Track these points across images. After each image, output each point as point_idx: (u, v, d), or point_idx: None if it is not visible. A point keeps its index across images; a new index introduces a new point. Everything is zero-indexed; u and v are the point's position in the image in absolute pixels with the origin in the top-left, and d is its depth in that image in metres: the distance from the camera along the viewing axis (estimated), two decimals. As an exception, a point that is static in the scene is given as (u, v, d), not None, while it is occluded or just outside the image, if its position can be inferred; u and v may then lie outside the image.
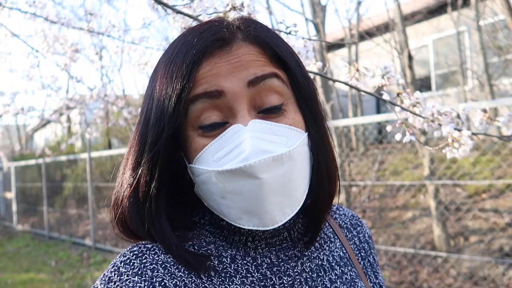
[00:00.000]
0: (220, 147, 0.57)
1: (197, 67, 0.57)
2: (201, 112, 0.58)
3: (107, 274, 0.55)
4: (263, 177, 0.54)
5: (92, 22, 2.22)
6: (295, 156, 0.58)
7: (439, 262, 4.08)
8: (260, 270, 0.60)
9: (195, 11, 1.18)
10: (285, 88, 0.61)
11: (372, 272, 0.77)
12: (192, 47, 0.58)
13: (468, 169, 4.86)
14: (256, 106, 0.59)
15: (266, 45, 0.61)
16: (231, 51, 0.59)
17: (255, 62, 0.59)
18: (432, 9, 8.56)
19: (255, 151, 0.54)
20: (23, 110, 4.35)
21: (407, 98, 1.20)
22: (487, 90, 6.58)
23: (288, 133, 0.58)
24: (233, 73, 0.57)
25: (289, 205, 0.57)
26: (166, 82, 0.59)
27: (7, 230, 11.59)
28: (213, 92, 0.57)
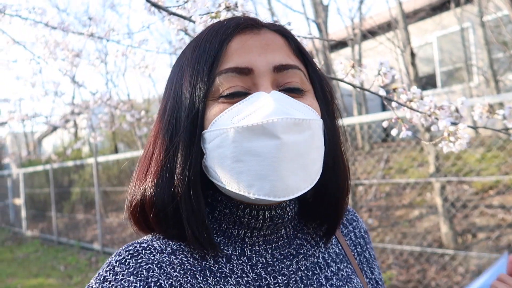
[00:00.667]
0: (241, 111, 0.57)
1: (228, 41, 0.60)
2: (226, 84, 0.59)
3: (102, 274, 0.55)
4: (283, 137, 0.53)
5: (92, 27, 2.24)
6: (314, 128, 0.58)
7: (446, 259, 4.04)
8: (255, 270, 0.60)
9: (189, 12, 1.19)
10: (305, 80, 0.63)
11: (368, 267, 0.77)
12: (225, 25, 0.62)
13: (474, 166, 4.82)
14: (278, 85, 0.61)
15: (290, 38, 0.65)
16: (260, 33, 0.62)
17: (281, 50, 0.62)
18: (435, 6, 8.52)
19: (279, 110, 0.54)
20: (29, 116, 4.40)
21: (404, 93, 1.20)
22: (493, 86, 6.53)
23: (306, 111, 0.59)
24: (261, 54, 0.60)
25: (303, 179, 0.56)
26: (197, 56, 0.61)
27: (16, 236, 11.69)
28: (244, 68, 0.59)
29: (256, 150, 0.54)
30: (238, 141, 0.55)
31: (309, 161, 0.57)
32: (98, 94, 3.24)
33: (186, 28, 1.42)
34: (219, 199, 0.62)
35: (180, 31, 1.42)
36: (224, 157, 0.56)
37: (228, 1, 1.16)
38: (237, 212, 0.61)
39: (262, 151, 0.54)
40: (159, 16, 1.40)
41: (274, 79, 0.60)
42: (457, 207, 4.60)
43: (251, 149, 0.54)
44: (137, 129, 7.52)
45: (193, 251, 0.60)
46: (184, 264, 0.58)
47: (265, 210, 0.61)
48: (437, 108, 1.13)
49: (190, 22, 1.22)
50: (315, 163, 0.59)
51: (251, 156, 0.54)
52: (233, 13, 1.15)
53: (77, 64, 2.54)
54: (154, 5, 1.29)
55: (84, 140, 9.12)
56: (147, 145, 0.64)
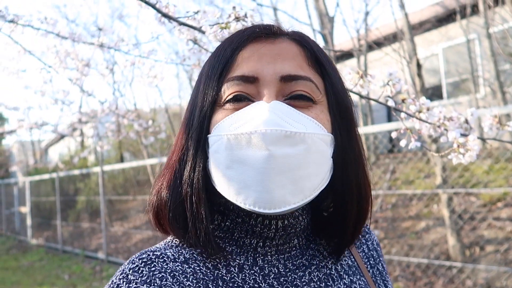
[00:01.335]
0: (238, 120, 0.58)
1: (241, 49, 0.62)
2: (231, 90, 0.60)
3: (115, 281, 0.54)
4: (272, 149, 0.53)
5: (102, 37, 2.27)
6: (310, 142, 0.56)
7: (454, 272, 3.99)
8: (267, 281, 0.60)
9: (199, 22, 1.20)
10: (317, 92, 0.61)
11: (381, 280, 0.75)
12: (241, 33, 0.64)
13: (481, 177, 4.78)
14: (284, 94, 0.60)
15: (308, 47, 0.64)
16: (274, 42, 0.62)
17: (293, 59, 0.61)
18: (441, 18, 8.53)
19: (270, 121, 0.54)
20: (37, 125, 4.44)
21: (413, 104, 1.20)
22: (500, 97, 6.50)
23: (308, 123, 0.58)
24: (270, 62, 0.60)
25: (292, 193, 0.55)
26: (211, 64, 0.64)
27: (21, 244, 11.70)
28: (249, 77, 0.60)
29: (244, 159, 0.54)
30: (230, 148, 0.56)
31: (301, 175, 0.55)
32: (106, 103, 3.27)
33: (195, 38, 1.44)
34: (231, 208, 0.62)
35: (190, 41, 1.43)
36: (219, 163, 0.58)
37: (237, 12, 1.17)
38: (250, 221, 0.61)
39: (249, 161, 0.54)
40: (168, 26, 1.42)
41: (280, 89, 0.59)
42: (464, 219, 4.55)
43: (240, 157, 0.55)
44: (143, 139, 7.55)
45: (206, 259, 0.60)
46: (197, 273, 0.57)
47: (277, 219, 0.61)
48: (447, 119, 1.13)
49: (200, 32, 1.23)
50: (311, 179, 0.57)
51: (240, 164, 0.55)
52: (242, 24, 1.16)
53: (87, 74, 2.58)
54: (164, 16, 1.30)
55: (91, 149, 9.18)
56: (172, 147, 0.67)
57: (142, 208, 9.12)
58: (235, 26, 1.10)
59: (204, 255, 0.60)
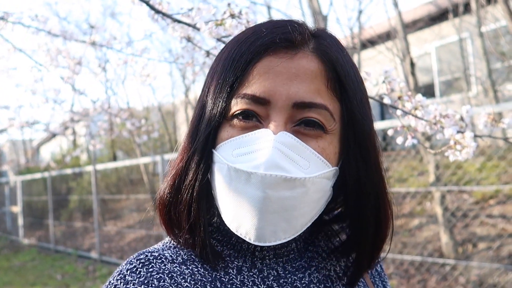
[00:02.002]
0: (242, 145, 0.56)
1: (256, 61, 0.57)
2: (240, 107, 0.58)
3: (112, 282, 0.54)
4: (268, 192, 0.53)
5: (94, 35, 2.25)
6: (309, 185, 0.55)
7: (447, 269, 4.02)
8: (266, 282, 0.59)
9: (193, 19, 1.19)
10: (331, 121, 0.58)
11: (380, 281, 0.76)
12: (260, 38, 0.58)
13: (474, 175, 4.81)
14: (294, 120, 0.57)
15: (331, 65, 0.58)
16: (293, 58, 0.57)
17: (312, 82, 0.56)
18: (434, 17, 8.58)
19: (271, 163, 0.53)
20: (28, 124, 4.39)
21: (409, 101, 1.19)
22: (491, 96, 6.55)
23: (312, 159, 0.56)
24: (285, 84, 0.56)
25: (284, 230, 0.56)
26: (226, 67, 0.59)
27: (13, 244, 11.59)
28: (261, 99, 0.56)
29: (241, 193, 0.55)
30: (230, 178, 0.56)
31: (294, 215, 0.56)
32: (99, 102, 3.24)
33: (189, 36, 1.42)
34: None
35: (183, 39, 1.42)
36: (220, 183, 0.58)
37: (232, 10, 1.16)
38: None
39: (246, 197, 0.54)
40: (162, 24, 1.40)
41: (291, 115, 0.56)
42: (457, 216, 4.58)
43: (237, 190, 0.55)
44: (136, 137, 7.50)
45: (204, 261, 0.60)
46: (195, 274, 0.57)
47: None
48: (442, 117, 1.12)
49: (194, 29, 1.22)
50: (303, 217, 0.57)
51: (237, 196, 0.55)
52: (238, 20, 1.15)
53: (78, 72, 2.55)
54: (158, 12, 1.29)
55: (83, 148, 9.11)
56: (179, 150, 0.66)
57: (135, 207, 9.08)
58: (230, 23, 1.09)
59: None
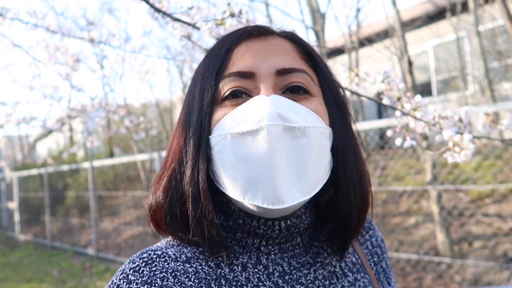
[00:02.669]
0: (239, 115, 0.57)
1: (235, 47, 0.63)
2: (229, 86, 0.60)
3: (115, 281, 0.54)
4: (274, 143, 0.53)
5: (92, 32, 2.24)
6: (311, 136, 0.56)
7: (443, 268, 4.04)
8: (271, 279, 0.59)
9: (193, 18, 1.19)
10: (312, 84, 0.63)
11: (385, 278, 0.75)
12: (234, 32, 0.65)
13: (470, 174, 4.84)
14: (280, 87, 0.61)
15: (300, 43, 0.66)
16: (267, 39, 0.64)
17: (287, 54, 0.63)
18: (432, 15, 8.59)
19: (272, 115, 0.54)
20: (25, 120, 4.37)
21: (408, 102, 1.20)
22: (488, 95, 6.57)
23: (308, 116, 0.58)
24: (265, 58, 0.61)
25: (297, 187, 0.55)
26: (206, 64, 0.64)
27: (9, 240, 11.56)
28: (246, 72, 0.60)
29: (249, 156, 0.54)
30: (234, 146, 0.55)
31: (304, 169, 0.56)
32: (96, 98, 3.23)
33: (189, 35, 1.42)
34: (233, 208, 0.62)
35: (183, 38, 1.41)
36: (224, 162, 0.57)
37: (232, 9, 1.16)
38: (252, 222, 0.60)
39: (254, 157, 0.54)
40: (161, 22, 1.40)
41: (276, 83, 0.60)
42: (453, 215, 4.61)
43: (244, 154, 0.55)
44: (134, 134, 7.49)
45: (208, 258, 0.59)
46: (199, 272, 0.57)
47: (280, 220, 0.60)
48: (441, 118, 1.13)
49: (194, 28, 1.21)
50: (315, 172, 0.57)
51: (245, 162, 0.55)
52: (238, 20, 1.15)
53: (77, 69, 2.54)
54: (158, 11, 1.28)
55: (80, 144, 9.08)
56: (167, 148, 0.66)
57: (132, 204, 9.07)
58: (231, 23, 1.09)
59: (207, 254, 0.59)
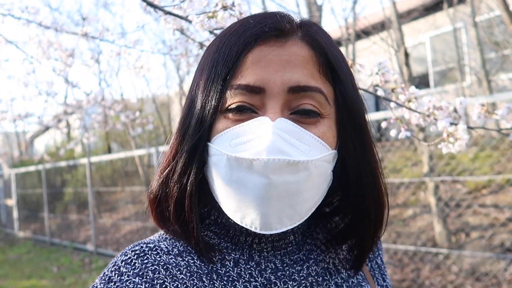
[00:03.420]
0: (240, 134, 0.55)
1: (247, 51, 0.57)
2: (235, 100, 0.57)
3: (107, 273, 0.54)
4: (272, 178, 0.52)
5: (86, 27, 2.22)
6: (312, 168, 0.55)
7: (440, 259, 4.07)
8: (264, 275, 0.59)
9: (185, 11, 1.18)
10: (326, 105, 0.58)
11: (380, 274, 0.75)
12: (249, 29, 0.58)
13: (467, 165, 4.85)
14: (290, 108, 0.57)
15: (321, 51, 0.59)
16: (284, 46, 0.57)
17: (304, 67, 0.57)
18: (428, 6, 8.56)
19: (273, 148, 0.52)
20: (21, 117, 4.35)
21: (402, 93, 1.19)
22: (485, 86, 6.57)
23: (313, 144, 0.56)
24: (279, 71, 0.56)
25: (289, 217, 0.55)
26: (216, 61, 0.59)
27: (8, 237, 11.57)
28: (255, 88, 0.56)
29: (244, 182, 0.54)
30: (230, 168, 0.55)
31: (299, 200, 0.55)
32: (92, 94, 3.21)
33: (182, 28, 1.41)
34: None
35: (176, 31, 1.40)
36: (218, 176, 0.57)
37: (224, 1, 1.15)
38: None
39: (249, 185, 0.53)
40: (154, 15, 1.38)
41: (287, 101, 0.56)
42: (450, 206, 4.63)
43: (239, 179, 0.54)
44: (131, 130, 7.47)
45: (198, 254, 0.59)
46: (191, 266, 0.57)
47: None
48: (436, 109, 1.13)
49: (186, 21, 1.20)
50: (307, 202, 0.57)
51: (240, 186, 0.54)
52: (230, 12, 1.14)
53: (71, 64, 2.52)
54: (150, 5, 1.27)
55: (77, 140, 9.05)
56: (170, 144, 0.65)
57: (130, 199, 9.07)
58: (223, 15, 1.08)
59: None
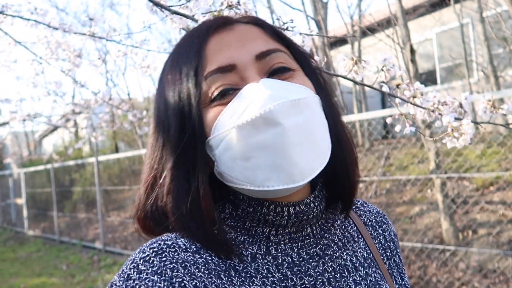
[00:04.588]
0: (236, 108, 0.56)
1: (205, 43, 0.60)
2: (213, 86, 0.58)
3: (126, 271, 0.53)
4: (284, 122, 0.53)
5: (93, 27, 2.25)
6: (312, 105, 0.58)
7: (447, 256, 4.06)
8: (281, 270, 0.59)
9: (191, 11, 1.19)
10: (291, 61, 0.63)
11: (398, 273, 0.74)
12: (197, 31, 0.63)
13: (474, 162, 4.83)
14: (265, 72, 0.60)
15: (265, 25, 0.65)
16: (234, 29, 0.62)
17: (259, 38, 0.62)
18: (434, 2, 8.51)
19: (272, 97, 0.54)
20: (30, 116, 4.41)
21: (407, 89, 1.20)
22: (493, 82, 6.52)
23: (300, 90, 0.59)
24: (240, 46, 0.60)
25: (315, 157, 0.56)
26: (178, 68, 0.61)
27: (18, 235, 11.71)
28: (226, 66, 0.58)
29: (263, 143, 0.54)
30: (243, 138, 0.54)
31: (316, 138, 0.57)
32: (100, 93, 3.24)
33: (188, 27, 1.43)
34: (241, 197, 0.61)
35: (183, 30, 1.42)
36: (235, 158, 0.56)
37: (230, 0, 1.16)
38: (262, 210, 0.60)
39: (269, 142, 0.54)
40: (160, 15, 1.40)
41: (259, 68, 0.59)
42: (457, 203, 4.61)
43: (258, 143, 0.54)
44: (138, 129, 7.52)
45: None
46: (209, 263, 0.56)
47: (289, 206, 0.60)
48: (441, 104, 1.13)
49: (193, 21, 1.22)
50: (324, 139, 0.59)
51: (260, 150, 0.54)
52: (235, 11, 1.16)
53: (79, 64, 2.55)
54: (156, 4, 1.29)
55: (85, 140, 9.13)
56: (150, 155, 0.64)
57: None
58: (228, 14, 1.10)
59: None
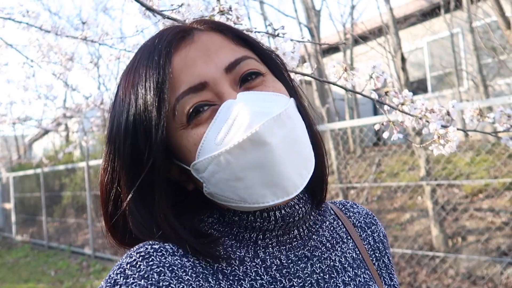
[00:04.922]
0: (219, 128, 0.55)
1: (169, 64, 0.57)
2: (187, 106, 0.57)
3: (112, 276, 0.52)
4: (271, 141, 0.53)
5: (86, 31, 2.24)
6: (291, 114, 0.58)
7: (437, 262, 4.08)
8: (269, 273, 0.59)
9: (183, 16, 1.20)
10: (259, 64, 0.62)
11: (387, 273, 0.74)
12: (155, 48, 0.59)
13: (463, 169, 4.88)
14: (236, 83, 0.59)
15: (226, 31, 0.63)
16: (194, 40, 0.60)
17: (223, 47, 0.60)
18: (425, 12, 8.63)
19: (255, 115, 0.54)
20: (20, 120, 4.37)
21: (396, 97, 1.22)
22: (482, 91, 6.62)
23: (274, 99, 0.59)
24: (207, 61, 0.58)
25: (303, 166, 0.58)
26: (137, 88, 0.58)
27: (6, 241, 11.54)
28: (197, 85, 0.57)
29: (253, 163, 0.54)
30: (233, 161, 0.55)
31: (300, 146, 0.58)
32: (91, 98, 3.23)
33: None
34: (226, 208, 0.62)
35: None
36: (226, 180, 0.56)
37: (222, 6, 1.17)
38: (248, 217, 0.60)
39: (259, 162, 0.54)
40: (153, 20, 1.41)
41: (230, 80, 0.58)
42: (447, 210, 4.65)
43: (248, 164, 0.54)
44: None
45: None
46: (196, 267, 0.56)
47: (274, 210, 0.61)
48: (428, 111, 1.15)
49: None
50: (306, 144, 0.60)
51: (251, 170, 0.55)
52: (227, 17, 1.17)
53: (70, 68, 2.54)
54: (149, 9, 1.30)
55: (76, 144, 9.06)
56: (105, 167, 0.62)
57: (129, 203, 9.05)
58: (219, 19, 1.11)
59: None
